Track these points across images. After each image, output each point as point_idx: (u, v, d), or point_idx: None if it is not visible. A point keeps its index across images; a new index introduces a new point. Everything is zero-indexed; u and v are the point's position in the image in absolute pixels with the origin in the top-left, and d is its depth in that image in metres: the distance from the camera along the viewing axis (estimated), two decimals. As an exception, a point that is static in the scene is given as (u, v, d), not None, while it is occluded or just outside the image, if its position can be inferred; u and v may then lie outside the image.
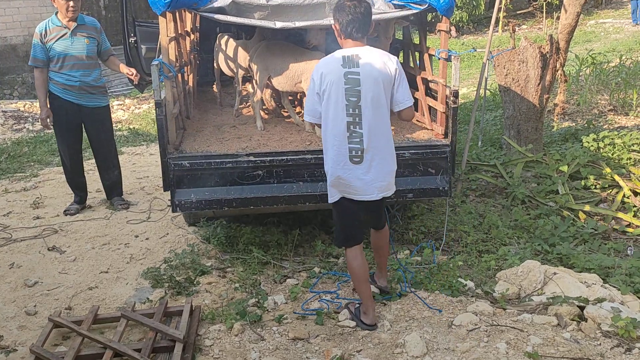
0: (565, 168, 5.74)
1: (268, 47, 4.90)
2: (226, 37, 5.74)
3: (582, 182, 5.69)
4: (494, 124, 7.89)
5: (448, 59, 4.28)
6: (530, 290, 3.86)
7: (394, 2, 4.31)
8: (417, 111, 5.04)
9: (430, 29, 4.94)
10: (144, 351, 3.21)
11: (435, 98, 4.60)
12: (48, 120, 5.23)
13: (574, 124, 7.68)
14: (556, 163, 5.87)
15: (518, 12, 20.23)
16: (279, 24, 4.12)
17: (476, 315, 3.47)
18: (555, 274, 3.92)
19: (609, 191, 5.59)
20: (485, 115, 8.20)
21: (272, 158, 4.15)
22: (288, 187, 4.17)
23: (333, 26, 3.38)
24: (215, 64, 6.01)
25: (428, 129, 4.70)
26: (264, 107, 5.47)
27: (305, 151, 4.22)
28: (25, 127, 9.24)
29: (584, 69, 9.53)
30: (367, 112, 3.24)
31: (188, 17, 5.40)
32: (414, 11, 4.25)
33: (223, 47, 5.69)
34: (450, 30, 4.33)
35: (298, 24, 4.15)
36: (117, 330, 3.45)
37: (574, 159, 5.88)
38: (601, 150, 6.17)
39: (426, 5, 4.17)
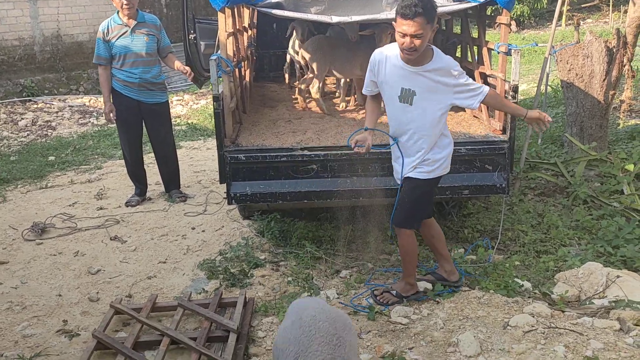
0: (631, 167, 5.49)
1: (326, 39, 4.98)
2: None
3: (650, 183, 5.43)
4: (555, 121, 7.61)
5: (508, 53, 4.17)
6: (592, 293, 3.71)
7: (454, -6, 4.23)
8: (474, 106, 4.94)
9: (489, 23, 4.81)
10: (199, 340, 3.29)
11: (493, 93, 4.48)
12: (111, 114, 5.41)
13: (641, 121, 7.33)
14: (622, 162, 5.61)
15: (583, 5, 19.44)
16: (335, 19, 4.13)
17: (533, 316, 3.37)
18: (618, 277, 3.76)
19: (678, 192, 5.31)
20: (546, 112, 7.93)
21: (326, 152, 4.17)
22: (342, 181, 4.17)
23: (432, 25, 3.24)
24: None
25: (486, 125, 4.60)
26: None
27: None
28: (90, 122, 9.60)
29: (654, 64, 9.09)
30: None
31: (246, 13, 5.48)
32: (474, 4, 4.16)
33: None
34: (510, 24, 4.21)
35: (355, 18, 4.14)
36: (173, 319, 3.54)
37: (640, 158, 5.62)
38: (671, 149, 5.86)
39: (486, -2, 4.08)
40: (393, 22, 3.27)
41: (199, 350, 3.19)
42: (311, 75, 5.29)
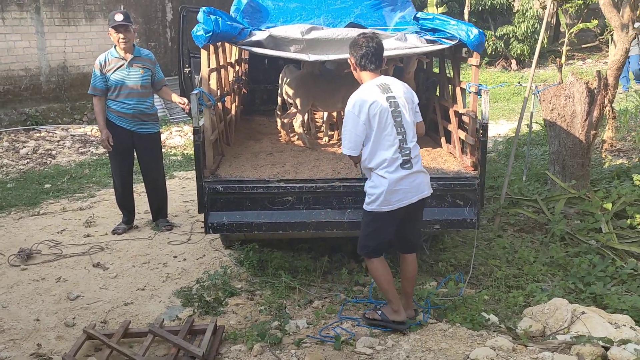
0: (609, 206, 5.56)
1: (309, 75, 5.18)
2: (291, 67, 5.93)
3: (628, 222, 5.49)
4: (542, 158, 7.74)
5: (478, 93, 4.32)
6: (556, 329, 3.76)
7: (426, 37, 4.41)
8: (449, 143, 5.08)
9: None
10: (165, 366, 3.37)
11: (467, 131, 4.62)
12: (108, 140, 5.55)
13: (627, 161, 7.42)
14: (601, 200, 5.70)
15: (583, 45, 19.73)
16: (312, 57, 4.31)
17: (494, 350, 3.42)
18: (583, 313, 3.81)
19: (656, 231, 5.36)
20: (534, 150, 8.06)
21: (301, 185, 4.29)
22: (316, 213, 4.28)
23: (349, 60, 3.75)
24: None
25: (459, 161, 4.72)
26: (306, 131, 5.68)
27: (334, 179, 4.33)
28: (89, 151, 9.81)
29: (644, 104, 9.23)
30: (408, 129, 3.65)
31: (233, 49, 5.68)
32: (445, 46, 4.33)
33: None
34: (479, 64, 4.39)
35: (331, 57, 4.31)
36: (143, 345, 3.62)
37: (619, 197, 5.69)
38: (652, 188, 5.93)
39: (457, 41, 4.25)
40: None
41: (163, 375, 3.27)
42: (294, 110, 5.45)
